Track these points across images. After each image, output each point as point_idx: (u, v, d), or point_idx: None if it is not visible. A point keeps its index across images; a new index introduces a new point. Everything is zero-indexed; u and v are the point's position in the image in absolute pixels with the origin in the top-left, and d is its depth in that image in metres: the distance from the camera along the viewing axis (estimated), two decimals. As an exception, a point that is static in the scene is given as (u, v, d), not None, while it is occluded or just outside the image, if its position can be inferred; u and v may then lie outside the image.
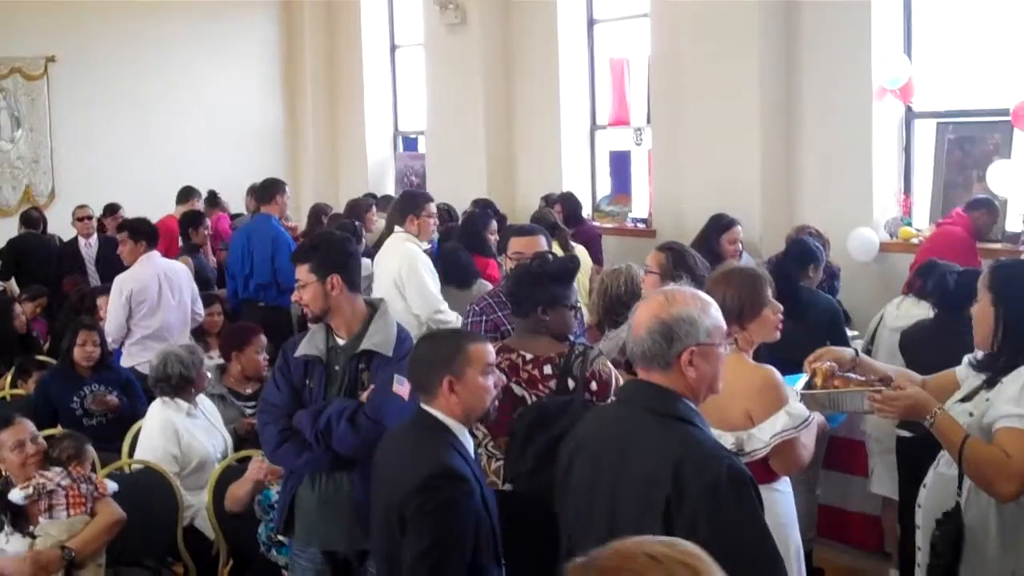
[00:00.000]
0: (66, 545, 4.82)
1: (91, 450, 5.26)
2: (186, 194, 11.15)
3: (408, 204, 7.14)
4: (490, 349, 3.68)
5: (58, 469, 4.98)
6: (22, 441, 4.94)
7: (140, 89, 13.62)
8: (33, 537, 4.85)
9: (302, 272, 4.39)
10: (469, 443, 3.62)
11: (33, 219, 11.19)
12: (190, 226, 9.86)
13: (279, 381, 4.43)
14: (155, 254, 7.81)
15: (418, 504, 3.36)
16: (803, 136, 8.75)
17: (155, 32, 13.71)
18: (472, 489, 3.44)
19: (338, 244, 4.58)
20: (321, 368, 4.37)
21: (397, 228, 7.03)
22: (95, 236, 10.61)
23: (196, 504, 5.62)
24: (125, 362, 7.43)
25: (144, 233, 7.80)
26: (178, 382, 5.82)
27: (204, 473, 5.68)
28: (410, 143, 14.14)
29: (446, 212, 9.40)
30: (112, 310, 7.56)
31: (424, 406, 3.57)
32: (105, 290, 7.98)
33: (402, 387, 4.18)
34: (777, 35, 8.70)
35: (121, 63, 13.57)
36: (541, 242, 5.65)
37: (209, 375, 6.17)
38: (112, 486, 5.07)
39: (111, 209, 11.23)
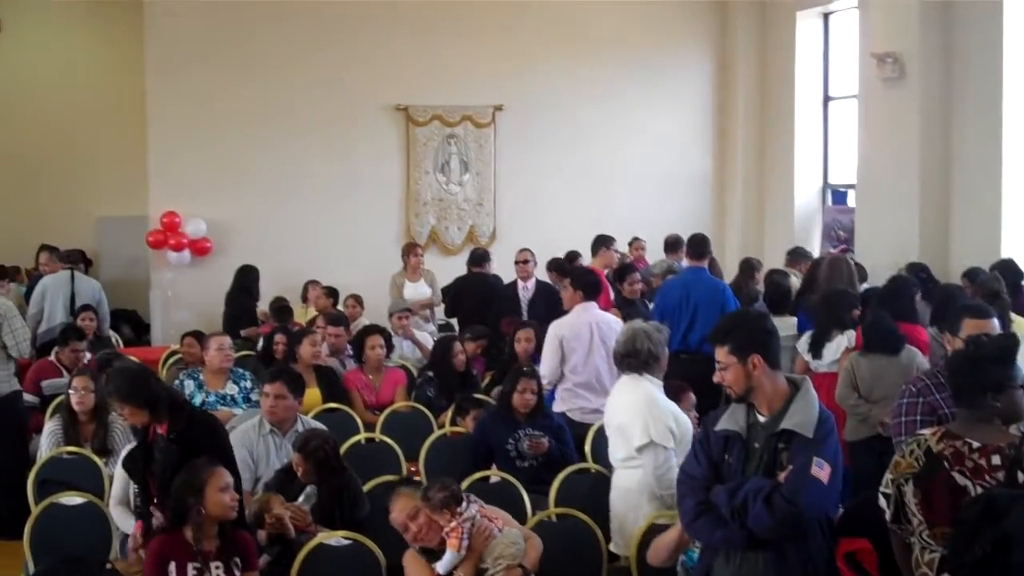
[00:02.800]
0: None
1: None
2: (601, 243, 11.40)
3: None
4: None
5: (466, 502, 5.31)
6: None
7: (577, 136, 14.27)
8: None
9: (722, 354, 4.48)
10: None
11: (478, 258, 12.03)
12: (621, 279, 10.19)
13: (699, 454, 4.53)
14: (592, 305, 8.13)
15: None
16: None
17: (592, 81, 14.31)
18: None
19: (756, 323, 4.64)
20: (740, 444, 4.43)
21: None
22: (533, 280, 11.05)
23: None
24: (557, 407, 7.79)
25: (584, 284, 8.17)
26: (646, 358, 6.04)
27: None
28: (839, 196, 13.97)
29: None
30: (546, 353, 7.99)
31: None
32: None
33: (822, 471, 4.22)
34: None
35: (561, 111, 14.25)
36: (995, 325, 5.47)
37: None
38: None
39: (571, 256, 11.89)
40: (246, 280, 11.81)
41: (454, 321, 11.53)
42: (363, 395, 8.64)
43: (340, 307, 11.08)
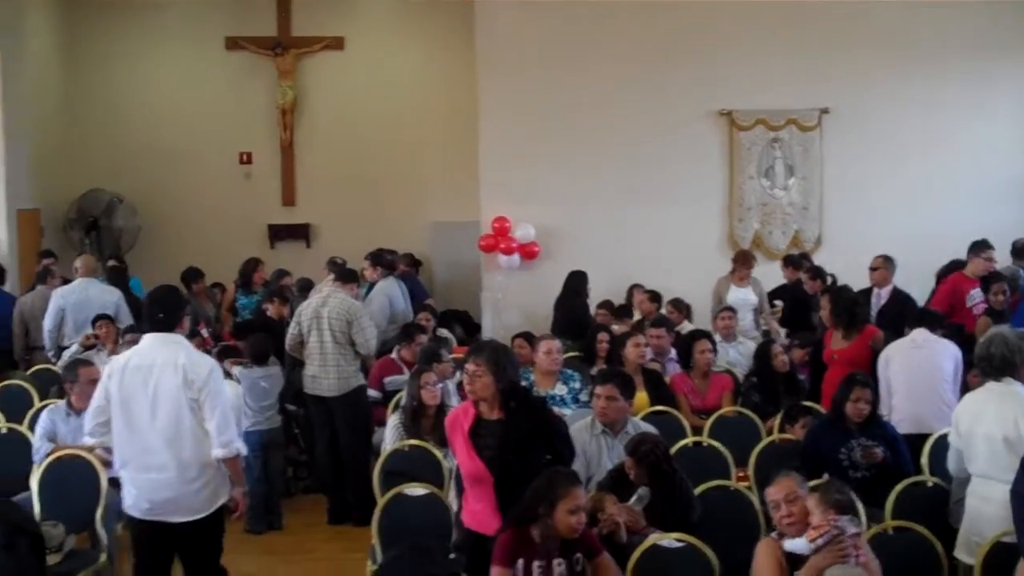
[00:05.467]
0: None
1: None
2: (973, 248, 10.74)
3: None
4: None
5: (848, 517, 5.19)
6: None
7: (907, 141, 13.77)
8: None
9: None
10: None
11: (794, 261, 11.93)
12: (986, 288, 9.90)
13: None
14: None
15: None
16: None
17: (922, 84, 13.78)
18: None
19: None
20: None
21: None
22: (889, 287, 10.68)
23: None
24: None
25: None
26: (999, 363, 5.96)
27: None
28: None
29: None
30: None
31: None
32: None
33: None
34: None
35: (889, 116, 13.77)
36: None
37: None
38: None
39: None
40: (577, 284, 12.09)
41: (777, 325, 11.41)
42: (689, 399, 8.68)
43: (662, 311, 11.16)
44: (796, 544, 5.13)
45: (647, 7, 13.63)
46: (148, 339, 6.12)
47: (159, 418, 5.93)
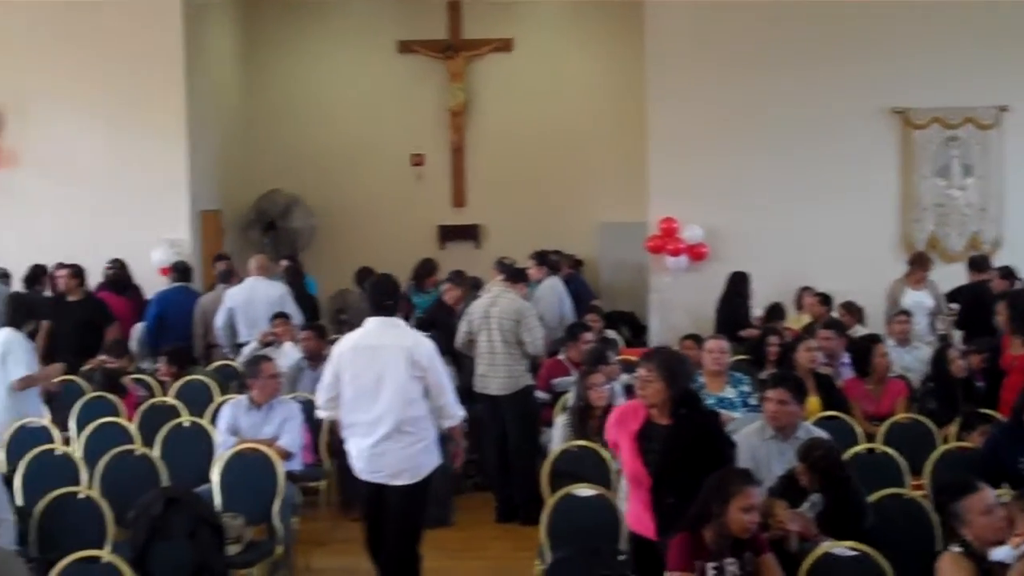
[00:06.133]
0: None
1: None
2: None
3: None
4: None
5: None
6: (991, 507, 5.12)
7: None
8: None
9: None
10: None
11: (979, 263, 11.57)
12: None
13: None
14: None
15: None
16: None
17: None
18: None
19: None
20: None
21: None
22: None
23: None
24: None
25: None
26: None
27: None
28: None
29: None
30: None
31: None
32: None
33: None
34: None
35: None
36: None
37: None
38: None
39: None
40: (737, 285, 12.01)
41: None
42: (862, 404, 8.52)
43: (833, 314, 10.98)
44: (1000, 552, 5.01)
45: (819, 4, 13.42)
46: (373, 322, 6.81)
47: (384, 392, 6.63)
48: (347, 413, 6.79)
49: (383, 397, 6.64)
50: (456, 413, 6.91)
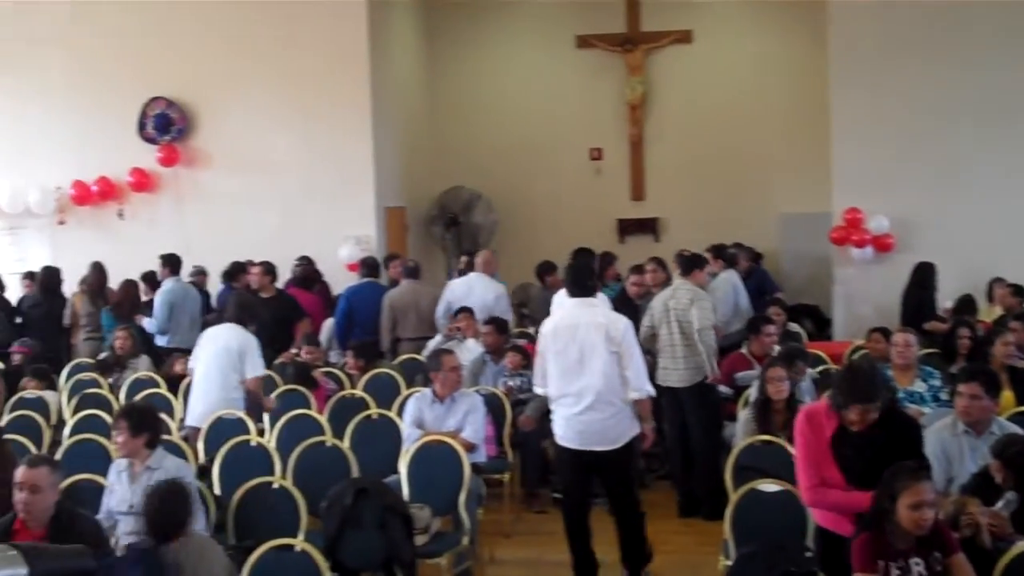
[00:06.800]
0: None
1: None
2: None
3: None
4: None
5: None
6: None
7: None
8: None
9: None
10: None
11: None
12: None
13: None
14: None
15: None
16: None
17: None
18: None
19: None
20: None
21: None
22: None
23: None
24: None
25: None
26: None
27: None
28: None
29: None
30: None
31: None
32: None
33: None
34: None
35: None
36: None
37: None
38: None
39: None
40: (923, 276, 11.71)
41: None
42: (1060, 400, 8.19)
43: (1024, 307, 10.61)
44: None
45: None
46: (571, 303, 7.35)
47: (585, 366, 7.12)
48: (554, 388, 7.26)
49: (586, 371, 7.10)
50: (643, 387, 7.23)
